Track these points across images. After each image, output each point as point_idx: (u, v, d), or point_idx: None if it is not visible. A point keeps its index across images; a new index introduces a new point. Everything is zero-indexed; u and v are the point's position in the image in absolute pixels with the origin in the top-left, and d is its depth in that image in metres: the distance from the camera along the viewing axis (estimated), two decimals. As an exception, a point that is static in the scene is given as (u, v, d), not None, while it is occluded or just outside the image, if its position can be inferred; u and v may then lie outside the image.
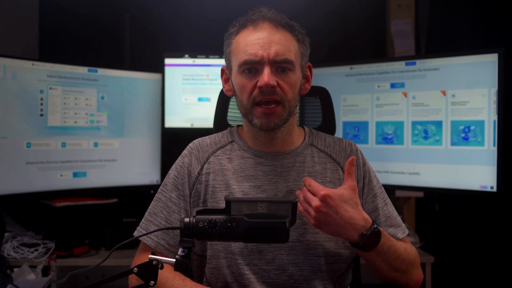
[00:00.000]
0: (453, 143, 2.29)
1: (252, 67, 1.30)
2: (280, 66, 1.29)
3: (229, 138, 1.45)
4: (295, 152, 1.40)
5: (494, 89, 2.19)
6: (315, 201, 1.19)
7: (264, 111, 1.29)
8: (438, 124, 2.33)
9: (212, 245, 1.35)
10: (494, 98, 2.19)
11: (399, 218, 1.45)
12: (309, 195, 1.21)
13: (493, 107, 2.19)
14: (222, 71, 1.42)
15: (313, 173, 1.39)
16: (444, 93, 2.32)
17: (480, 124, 2.22)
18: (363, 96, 2.52)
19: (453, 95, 2.30)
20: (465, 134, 2.26)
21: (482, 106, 2.22)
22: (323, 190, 1.19)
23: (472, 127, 2.24)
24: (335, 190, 1.21)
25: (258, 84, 1.28)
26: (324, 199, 1.18)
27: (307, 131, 1.47)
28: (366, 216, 1.23)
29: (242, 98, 1.33)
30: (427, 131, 2.36)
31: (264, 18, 1.32)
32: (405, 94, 2.42)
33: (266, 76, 1.27)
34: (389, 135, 2.45)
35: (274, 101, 1.29)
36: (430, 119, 2.35)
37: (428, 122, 2.36)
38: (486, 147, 2.20)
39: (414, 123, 2.39)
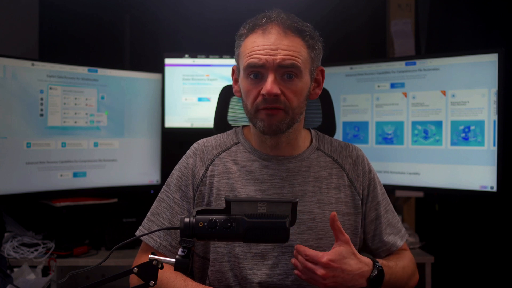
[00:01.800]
0: (453, 143, 2.29)
1: (257, 72, 1.28)
2: (286, 71, 1.27)
3: (234, 139, 1.43)
4: (301, 156, 1.40)
5: (494, 89, 2.18)
6: (320, 270, 1.19)
7: (267, 112, 1.28)
8: (438, 124, 2.33)
9: (215, 248, 1.34)
10: (494, 98, 2.19)
11: (399, 224, 1.47)
12: (310, 265, 1.20)
13: (493, 107, 2.19)
14: (233, 71, 1.41)
15: (318, 178, 1.38)
16: (444, 93, 2.32)
17: (480, 124, 2.22)
18: (363, 96, 2.52)
19: (453, 95, 2.30)
20: (465, 134, 2.26)
21: (482, 106, 2.22)
22: (322, 257, 1.19)
23: (472, 127, 2.24)
24: (333, 251, 1.21)
25: (261, 92, 1.27)
26: (327, 265, 1.19)
27: (313, 134, 1.46)
28: (366, 259, 1.26)
29: (247, 102, 1.32)
30: (427, 131, 2.36)
31: (272, 22, 1.29)
32: (405, 94, 2.42)
33: (269, 84, 1.25)
34: (389, 135, 2.45)
35: (276, 108, 1.28)
36: (430, 119, 2.35)
37: (428, 122, 2.35)
38: (486, 147, 2.20)
39: (414, 123, 2.39)
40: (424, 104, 2.36)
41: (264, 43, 1.27)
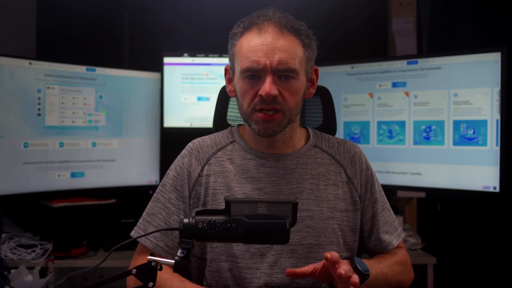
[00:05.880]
0: (455, 143, 2.27)
1: (254, 74, 1.28)
2: (283, 74, 1.27)
3: (229, 138, 1.42)
4: (298, 153, 1.39)
5: (497, 88, 2.17)
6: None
7: (264, 117, 1.28)
8: (440, 123, 2.31)
9: (212, 248, 1.33)
10: (496, 97, 2.17)
11: (395, 222, 1.47)
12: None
13: (496, 106, 2.17)
14: (226, 70, 1.40)
15: (315, 175, 1.37)
16: (446, 92, 2.30)
17: (483, 123, 2.20)
18: (364, 95, 2.50)
19: (456, 94, 2.28)
20: (468, 133, 2.24)
21: (485, 105, 2.20)
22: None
23: (475, 127, 2.22)
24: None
25: (259, 93, 1.26)
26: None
27: (310, 132, 1.45)
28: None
29: (243, 103, 1.31)
30: (429, 131, 2.34)
31: (269, 21, 1.28)
32: (407, 94, 2.40)
33: (268, 85, 1.25)
34: (391, 135, 2.43)
35: (274, 109, 1.27)
36: (432, 118, 2.33)
37: (430, 122, 2.33)
38: (489, 147, 2.18)
39: (415, 123, 2.37)
40: (426, 103, 2.35)
41: (261, 43, 1.26)
